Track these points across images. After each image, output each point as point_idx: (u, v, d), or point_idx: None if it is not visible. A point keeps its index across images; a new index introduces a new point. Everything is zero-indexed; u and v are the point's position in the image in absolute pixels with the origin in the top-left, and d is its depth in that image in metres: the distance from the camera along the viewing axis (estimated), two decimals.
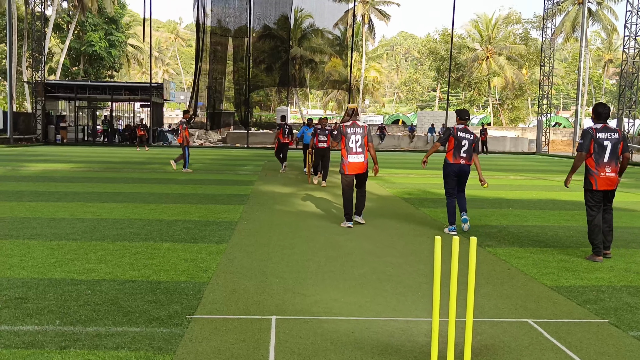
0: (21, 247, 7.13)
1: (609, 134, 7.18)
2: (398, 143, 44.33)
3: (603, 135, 7.17)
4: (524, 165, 27.13)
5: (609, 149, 7.13)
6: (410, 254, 7.41)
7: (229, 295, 5.45)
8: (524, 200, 13.24)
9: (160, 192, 13.05)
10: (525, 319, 4.98)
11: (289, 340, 4.35)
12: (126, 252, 7.01)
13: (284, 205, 11.58)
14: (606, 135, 7.17)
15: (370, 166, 10.12)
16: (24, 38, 47.37)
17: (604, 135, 7.17)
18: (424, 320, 4.90)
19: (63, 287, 5.50)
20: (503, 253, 7.56)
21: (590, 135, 7.18)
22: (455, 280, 3.74)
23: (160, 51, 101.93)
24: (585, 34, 45.14)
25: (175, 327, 4.55)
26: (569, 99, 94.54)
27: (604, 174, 7.14)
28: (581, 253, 7.63)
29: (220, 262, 6.66)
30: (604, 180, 7.16)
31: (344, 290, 5.72)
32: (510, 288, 5.94)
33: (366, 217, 10.17)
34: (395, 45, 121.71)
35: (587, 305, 5.42)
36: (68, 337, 4.26)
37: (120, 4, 58.72)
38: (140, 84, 45.25)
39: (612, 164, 7.16)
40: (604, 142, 7.15)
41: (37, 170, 18.07)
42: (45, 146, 36.17)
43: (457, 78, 66.13)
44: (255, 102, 56.96)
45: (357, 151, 9.16)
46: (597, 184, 7.18)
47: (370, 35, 70.20)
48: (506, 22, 67.98)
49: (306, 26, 54.87)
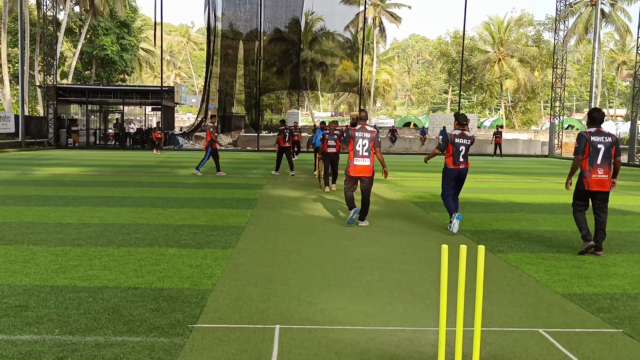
0: (25, 253, 7.06)
1: (603, 138, 7.54)
2: (409, 146, 44.14)
3: (597, 139, 7.53)
4: (536, 169, 26.88)
5: (602, 152, 7.49)
6: (419, 260, 7.27)
7: (232, 303, 5.34)
8: (536, 204, 13.05)
9: (169, 196, 12.99)
10: (536, 329, 4.84)
11: (292, 351, 4.23)
12: (131, 258, 6.92)
13: (292, 210, 11.47)
14: (600, 139, 7.53)
15: (378, 169, 10.16)
16: (36, 42, 47.69)
17: (598, 139, 7.53)
18: (431, 329, 4.77)
19: (65, 295, 5.42)
20: (514, 259, 7.41)
21: (585, 139, 7.55)
22: (462, 290, 3.62)
23: (172, 55, 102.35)
24: (598, 35, 44.80)
25: (176, 337, 4.44)
26: (582, 101, 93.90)
27: (596, 176, 7.49)
28: (594, 259, 7.47)
29: (226, 269, 6.56)
30: (595, 182, 7.51)
31: (351, 297, 5.60)
32: (521, 295, 5.79)
33: (375, 221, 10.07)
34: (407, 48, 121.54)
35: (600, 313, 5.26)
36: (66, 347, 4.17)
37: (132, 8, 58.94)
38: (151, 88, 45.32)
39: (604, 167, 7.50)
40: (598, 145, 7.51)
41: (47, 174, 18.08)
42: (57, 150, 36.28)
43: (469, 80, 65.88)
44: (266, 105, 56.91)
45: (362, 155, 9.41)
46: (589, 185, 7.56)
47: (381, 37, 70.08)
48: (518, 24, 67.72)
49: (317, 29, 54.84)
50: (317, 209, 11.70)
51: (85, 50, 54.55)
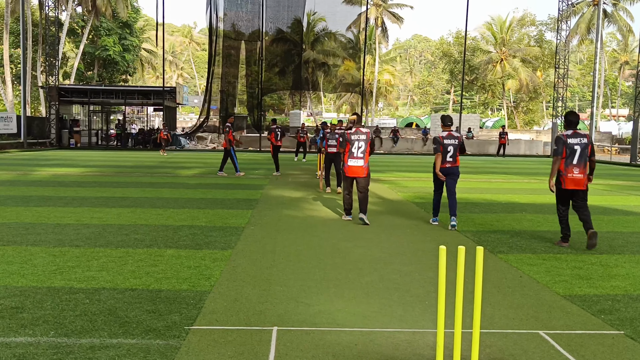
0: (23, 254, 7.02)
1: (579, 139, 8.01)
2: (411, 146, 44.07)
3: (573, 141, 8.00)
4: (538, 169, 26.78)
5: (578, 153, 7.97)
6: (419, 262, 7.22)
7: (230, 304, 5.30)
8: (538, 204, 12.98)
9: (169, 197, 12.95)
10: (536, 330, 4.79)
11: (289, 354, 4.19)
12: (129, 259, 6.88)
13: (293, 210, 11.42)
14: (576, 141, 8.00)
15: (373, 169, 10.49)
16: (39, 43, 47.67)
17: (575, 141, 8.00)
18: (430, 331, 4.72)
19: (61, 296, 5.38)
20: (515, 260, 7.36)
21: (563, 141, 8.04)
22: (460, 291, 3.58)
23: (175, 55, 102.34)
24: (600, 35, 44.66)
25: (173, 339, 4.40)
26: (584, 101, 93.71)
27: (572, 175, 7.99)
28: (596, 260, 7.41)
29: (224, 270, 6.51)
30: (572, 181, 8.01)
31: (349, 299, 5.55)
32: (521, 297, 5.74)
33: (375, 222, 10.03)
34: (409, 48, 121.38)
35: (601, 315, 5.21)
36: (61, 350, 4.13)
37: (134, 8, 58.94)
38: (153, 88, 45.30)
39: (580, 166, 7.98)
40: (574, 146, 7.98)
41: (48, 175, 18.05)
42: (59, 150, 36.29)
43: (471, 81, 65.78)
44: (268, 105, 56.92)
45: (357, 156, 10.03)
46: (565, 184, 8.05)
47: (383, 38, 69.95)
48: (520, 24, 67.56)
49: (319, 29, 54.80)
50: (318, 209, 11.65)
51: (88, 51, 54.57)
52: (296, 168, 23.28)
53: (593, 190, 16.35)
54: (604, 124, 63.10)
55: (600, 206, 12.78)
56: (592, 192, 15.86)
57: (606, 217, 11.22)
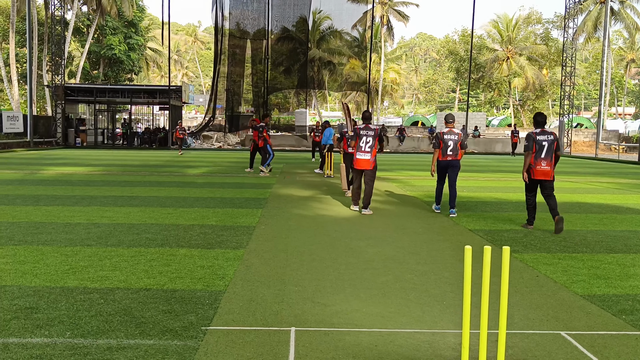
0: (35, 254, 6.98)
1: (546, 136, 9.15)
2: (418, 145, 43.96)
3: (542, 137, 9.13)
4: None
5: (546, 148, 9.08)
6: (434, 261, 7.15)
7: (246, 304, 5.24)
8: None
9: (178, 196, 12.90)
10: (558, 331, 4.72)
11: (309, 354, 4.13)
12: (141, 259, 6.83)
13: (303, 209, 11.36)
14: (544, 137, 9.13)
15: (380, 164, 10.84)
16: (44, 42, 47.71)
17: (543, 137, 9.13)
18: (450, 332, 4.65)
19: (75, 296, 5.33)
20: (530, 259, 7.29)
21: (532, 138, 9.13)
22: (486, 292, 3.51)
23: (180, 54, 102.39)
24: (607, 33, 44.43)
25: (190, 340, 4.34)
26: (591, 99, 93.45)
27: (540, 167, 9.13)
28: (612, 259, 7.33)
29: (238, 269, 6.45)
30: (540, 172, 9.14)
31: (366, 299, 5.49)
32: (539, 297, 5.66)
33: (387, 220, 9.99)
34: (414, 47, 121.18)
35: (622, 315, 5.13)
36: (78, 351, 4.08)
37: (139, 7, 58.93)
38: (158, 87, 45.27)
39: (547, 160, 9.11)
40: (543, 142, 9.11)
41: (55, 174, 18.03)
42: (65, 149, 36.30)
43: (477, 79, 65.57)
44: (273, 104, 56.81)
45: (365, 150, 10.87)
46: (534, 174, 9.18)
47: (389, 36, 69.76)
48: (527, 22, 67.33)
49: (324, 28, 54.59)
50: (328, 208, 11.59)
51: (93, 50, 54.55)
52: (304, 167, 23.22)
53: (604, 190, 16.25)
54: (611, 122, 62.78)
55: (612, 205, 12.68)
56: (604, 191, 15.79)
57: (619, 215, 11.13)
